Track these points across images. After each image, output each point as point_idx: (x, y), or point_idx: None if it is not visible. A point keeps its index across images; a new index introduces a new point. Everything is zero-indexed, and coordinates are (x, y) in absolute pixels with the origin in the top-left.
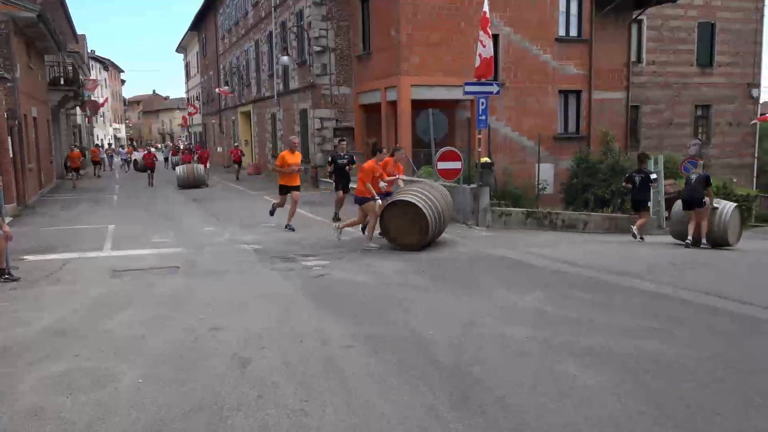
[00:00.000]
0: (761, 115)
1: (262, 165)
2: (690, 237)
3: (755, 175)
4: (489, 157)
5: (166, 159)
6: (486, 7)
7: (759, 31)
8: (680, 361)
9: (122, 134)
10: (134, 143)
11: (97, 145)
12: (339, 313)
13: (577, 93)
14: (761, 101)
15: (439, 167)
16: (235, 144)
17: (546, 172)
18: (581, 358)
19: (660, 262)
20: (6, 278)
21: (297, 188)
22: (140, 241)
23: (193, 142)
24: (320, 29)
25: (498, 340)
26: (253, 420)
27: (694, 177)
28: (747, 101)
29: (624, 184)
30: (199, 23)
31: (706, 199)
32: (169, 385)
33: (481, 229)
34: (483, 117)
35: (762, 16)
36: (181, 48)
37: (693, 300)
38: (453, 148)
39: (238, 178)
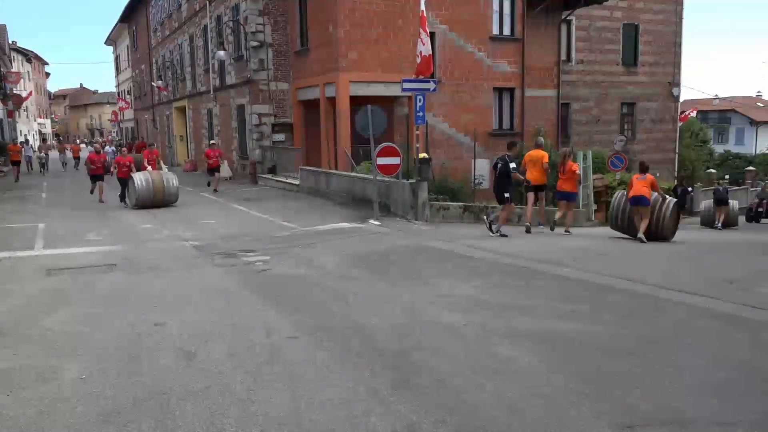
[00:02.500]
0: (682, 113)
1: (197, 162)
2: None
3: (676, 169)
4: (427, 152)
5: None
6: (423, 5)
7: (678, 33)
8: (601, 339)
9: (47, 129)
10: (60, 138)
11: (19, 141)
12: (282, 306)
13: (511, 90)
14: (681, 99)
15: (378, 163)
16: (211, 142)
17: (482, 167)
18: (514, 340)
19: (587, 252)
20: None
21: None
22: (74, 240)
23: (125, 137)
24: (257, 24)
25: (437, 326)
26: (201, 408)
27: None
28: (668, 99)
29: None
30: (130, 15)
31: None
32: (114, 379)
33: (420, 223)
34: (420, 113)
35: (681, 18)
36: (110, 40)
37: (611, 285)
38: (392, 144)
39: (216, 190)
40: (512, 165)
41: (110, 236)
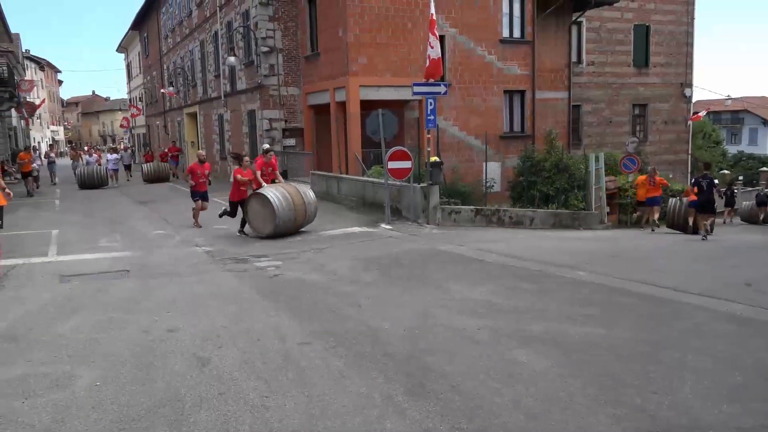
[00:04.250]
0: (694, 113)
1: (210, 166)
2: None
3: (689, 170)
4: (438, 156)
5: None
6: (432, 9)
7: (690, 33)
8: (616, 343)
9: (60, 136)
10: (74, 145)
11: (30, 147)
12: (294, 311)
13: (521, 93)
14: (693, 100)
15: (389, 167)
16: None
17: (493, 171)
18: (529, 344)
19: (597, 254)
20: None
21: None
22: (87, 246)
23: (137, 144)
24: (267, 30)
25: (451, 330)
26: (216, 416)
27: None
28: (680, 100)
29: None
30: (141, 22)
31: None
32: (128, 386)
33: (431, 227)
34: (431, 117)
35: (692, 18)
36: (122, 48)
37: (626, 288)
38: (403, 148)
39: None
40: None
41: (123, 242)
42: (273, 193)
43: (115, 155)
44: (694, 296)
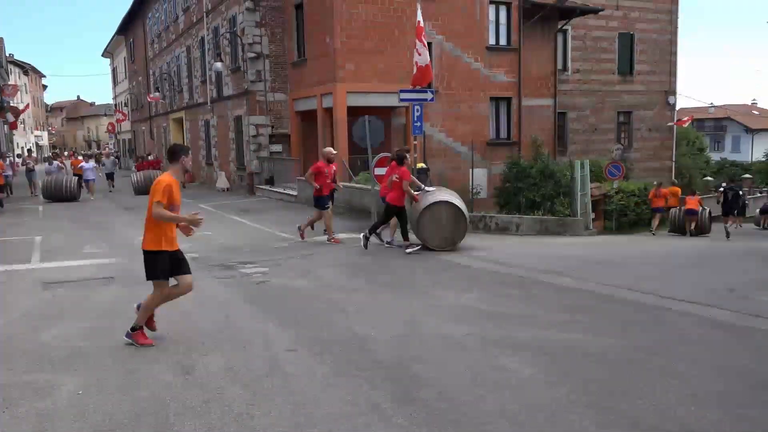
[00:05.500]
0: (678, 119)
1: (196, 173)
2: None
3: (673, 177)
4: (425, 162)
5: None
6: (420, 16)
7: (674, 42)
8: (602, 350)
9: (44, 141)
10: (58, 150)
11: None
12: (281, 318)
13: (508, 100)
14: (677, 108)
15: (376, 173)
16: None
17: (480, 177)
18: (516, 351)
19: (583, 261)
20: None
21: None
22: (71, 252)
23: (122, 149)
24: (254, 35)
25: (437, 337)
26: (200, 424)
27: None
28: (664, 108)
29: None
30: (127, 27)
31: None
32: (112, 394)
33: None
34: (418, 123)
35: (676, 27)
36: (108, 53)
37: (611, 294)
38: (390, 154)
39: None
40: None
41: (107, 249)
42: (460, 201)
43: (91, 163)
44: (678, 302)
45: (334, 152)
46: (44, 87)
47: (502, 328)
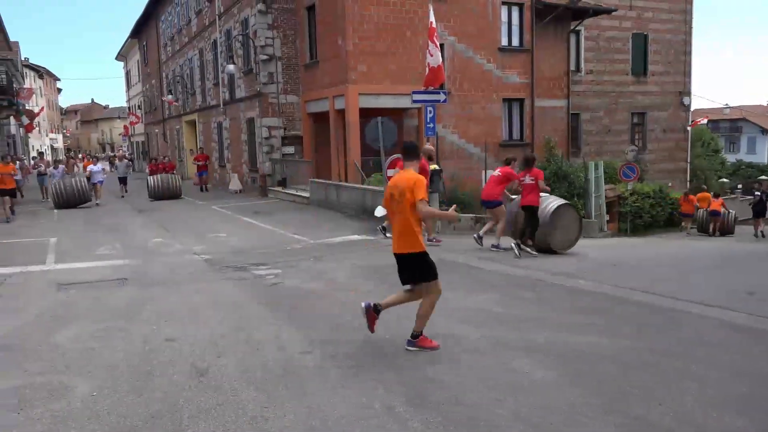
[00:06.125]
0: (692, 121)
1: (209, 175)
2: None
3: (688, 179)
4: (437, 163)
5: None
6: (432, 17)
7: (688, 42)
8: (617, 352)
9: (59, 144)
10: (72, 153)
11: (6, 156)
12: (294, 320)
13: (520, 101)
14: (692, 108)
15: (388, 174)
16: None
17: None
18: (530, 353)
19: (597, 263)
20: None
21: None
22: (85, 254)
23: (135, 152)
24: (266, 38)
25: (451, 339)
26: (214, 427)
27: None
28: (679, 109)
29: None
30: (140, 30)
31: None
32: (126, 396)
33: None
34: (431, 125)
35: (690, 27)
36: (121, 56)
37: (626, 296)
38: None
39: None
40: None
41: (121, 250)
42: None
43: (99, 165)
44: (696, 305)
45: (432, 148)
46: (59, 90)
47: (516, 331)
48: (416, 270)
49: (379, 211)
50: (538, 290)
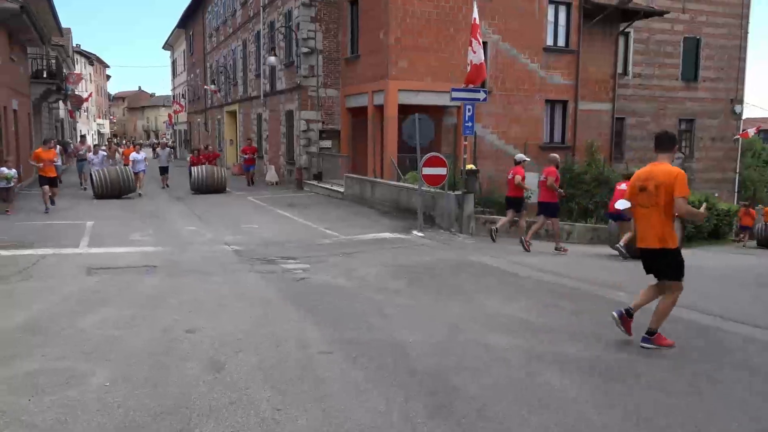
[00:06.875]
0: (743, 131)
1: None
2: None
3: (737, 189)
4: (474, 164)
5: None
6: (476, 14)
7: (743, 48)
8: (658, 373)
9: (106, 130)
10: (117, 139)
11: (49, 141)
12: (318, 317)
13: (564, 103)
14: (743, 117)
15: (424, 173)
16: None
17: (531, 181)
18: (562, 368)
19: (638, 274)
20: None
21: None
22: (119, 239)
23: (178, 140)
24: (309, 30)
25: (480, 347)
26: (223, 427)
27: None
28: (730, 117)
29: None
30: (187, 21)
31: None
32: (139, 388)
33: (464, 236)
34: (470, 124)
35: (746, 33)
36: (168, 45)
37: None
38: (438, 154)
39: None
40: None
41: (154, 237)
42: None
43: (142, 153)
44: (745, 326)
45: (558, 156)
46: (108, 77)
47: (549, 342)
48: (667, 267)
49: (622, 204)
50: (576, 300)
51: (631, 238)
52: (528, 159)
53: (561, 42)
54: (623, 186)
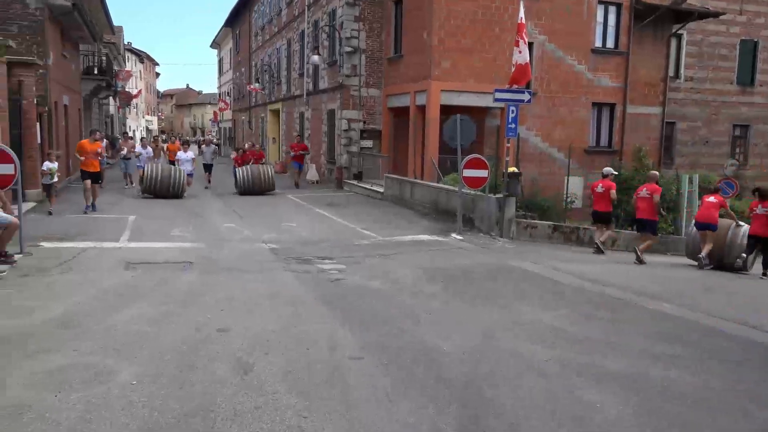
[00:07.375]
0: None
1: (287, 163)
2: None
3: None
4: (517, 166)
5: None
6: (522, 14)
7: None
8: (704, 392)
9: (154, 126)
10: (164, 135)
11: (95, 131)
12: (350, 320)
13: (611, 106)
14: None
15: (464, 175)
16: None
17: (575, 186)
18: (603, 383)
19: (689, 285)
20: (1, 260)
21: None
22: (159, 235)
23: (222, 137)
24: (352, 30)
25: (514, 358)
26: None
27: None
28: None
29: None
30: (234, 20)
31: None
32: (165, 388)
33: (504, 241)
34: (513, 125)
35: None
36: (216, 44)
37: (722, 328)
38: (479, 156)
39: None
40: None
41: (193, 233)
42: None
43: (190, 153)
44: None
45: (658, 174)
46: (157, 75)
47: (588, 355)
48: None
49: None
50: (616, 310)
51: (712, 249)
52: (616, 173)
53: (610, 43)
54: (711, 198)
